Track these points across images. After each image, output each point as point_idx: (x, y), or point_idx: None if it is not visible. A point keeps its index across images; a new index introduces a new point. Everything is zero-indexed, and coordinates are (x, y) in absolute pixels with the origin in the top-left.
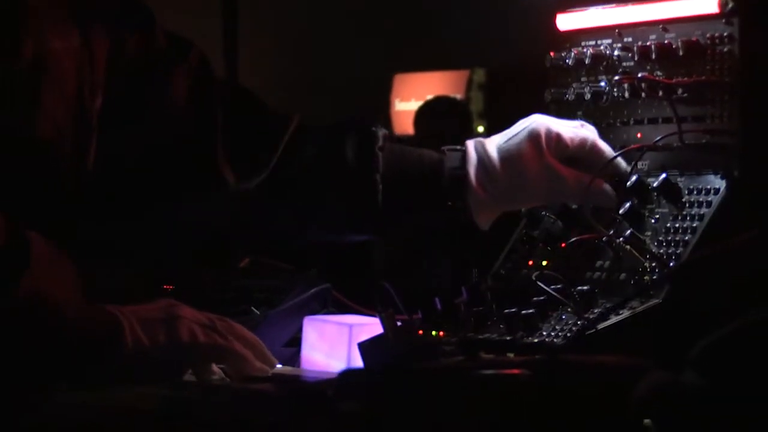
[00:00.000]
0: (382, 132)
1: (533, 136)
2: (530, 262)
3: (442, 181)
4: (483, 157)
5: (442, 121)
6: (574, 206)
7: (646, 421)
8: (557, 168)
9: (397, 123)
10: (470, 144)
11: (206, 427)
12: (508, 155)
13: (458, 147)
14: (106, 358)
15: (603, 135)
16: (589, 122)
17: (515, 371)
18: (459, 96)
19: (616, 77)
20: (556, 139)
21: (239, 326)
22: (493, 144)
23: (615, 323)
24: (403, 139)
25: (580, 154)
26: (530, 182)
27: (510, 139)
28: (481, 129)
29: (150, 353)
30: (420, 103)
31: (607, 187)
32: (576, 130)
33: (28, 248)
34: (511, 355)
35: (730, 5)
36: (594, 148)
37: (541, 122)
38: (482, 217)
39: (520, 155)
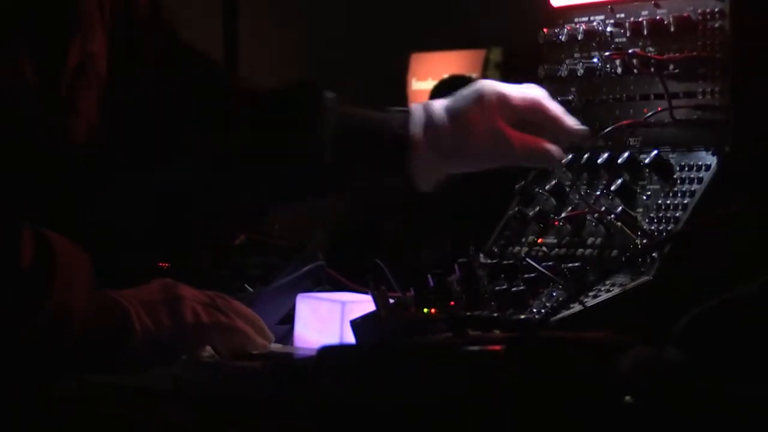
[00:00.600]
0: (329, 93)
1: (479, 96)
2: (523, 239)
3: (386, 137)
4: (429, 114)
5: None
6: (566, 185)
7: (627, 397)
8: (502, 128)
9: (414, 102)
10: (415, 105)
11: (187, 405)
12: (454, 114)
13: (403, 108)
14: (117, 350)
15: (596, 111)
16: (582, 98)
17: (496, 347)
18: (475, 75)
19: (606, 53)
20: (502, 99)
21: (237, 303)
22: (440, 104)
23: (605, 300)
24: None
25: (530, 117)
26: (476, 140)
27: (457, 100)
28: None
29: (157, 338)
30: (436, 82)
31: (552, 147)
32: (524, 91)
33: (54, 259)
34: (497, 332)
35: None
36: (542, 109)
37: (488, 84)
38: (425, 176)
39: (467, 114)
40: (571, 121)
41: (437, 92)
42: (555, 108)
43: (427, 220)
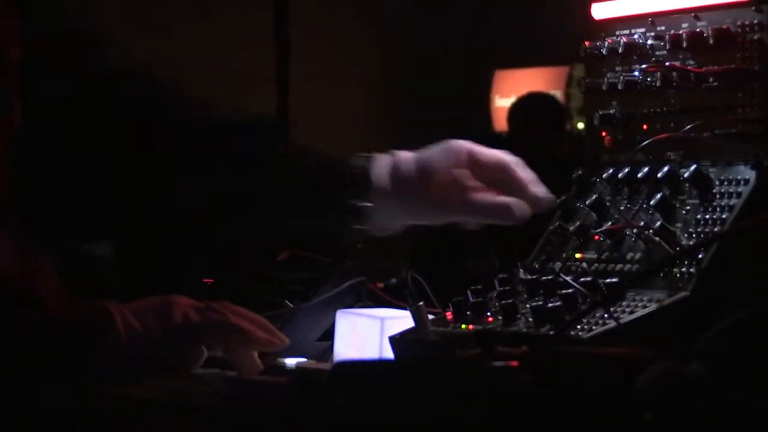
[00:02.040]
0: (283, 126)
1: (449, 148)
2: (563, 254)
3: (345, 176)
4: (397, 161)
5: (536, 117)
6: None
7: (647, 414)
8: (464, 182)
9: (497, 119)
10: (382, 154)
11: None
12: (418, 161)
13: (367, 154)
14: (99, 348)
15: (637, 123)
16: (623, 111)
17: (513, 363)
18: (558, 92)
19: (643, 66)
20: (471, 155)
21: (238, 307)
22: (409, 154)
23: (641, 316)
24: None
25: (497, 179)
26: (438, 189)
27: (425, 151)
28: (581, 126)
29: (144, 340)
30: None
31: (513, 202)
32: (495, 153)
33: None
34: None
35: None
36: (509, 172)
37: (460, 142)
38: (381, 221)
39: (431, 162)
40: (537, 190)
41: (514, 111)
42: (523, 174)
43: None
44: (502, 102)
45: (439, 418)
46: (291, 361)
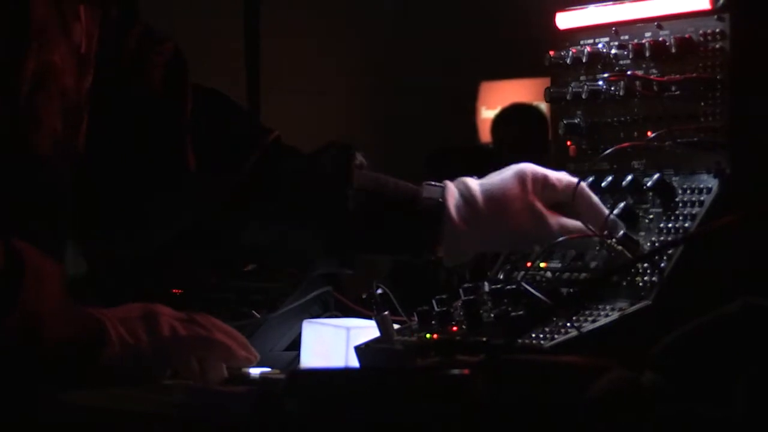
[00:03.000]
0: (360, 154)
1: (519, 175)
2: (528, 264)
3: (419, 208)
4: (464, 191)
5: (518, 128)
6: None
7: (599, 422)
8: (541, 208)
9: (483, 131)
10: (450, 182)
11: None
12: (491, 191)
13: (437, 183)
14: (93, 359)
15: (600, 133)
16: (587, 120)
17: (464, 371)
18: (544, 103)
19: (605, 75)
20: (543, 179)
21: (218, 321)
22: (475, 182)
23: (602, 325)
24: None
25: (567, 200)
26: (512, 219)
27: (494, 180)
28: None
29: (135, 351)
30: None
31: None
32: (563, 175)
33: (23, 267)
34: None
35: (722, 1)
36: (581, 193)
37: (528, 165)
38: (453, 252)
39: (504, 192)
40: (605, 212)
41: (497, 122)
42: (594, 198)
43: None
44: (488, 113)
45: (391, 426)
46: (255, 371)
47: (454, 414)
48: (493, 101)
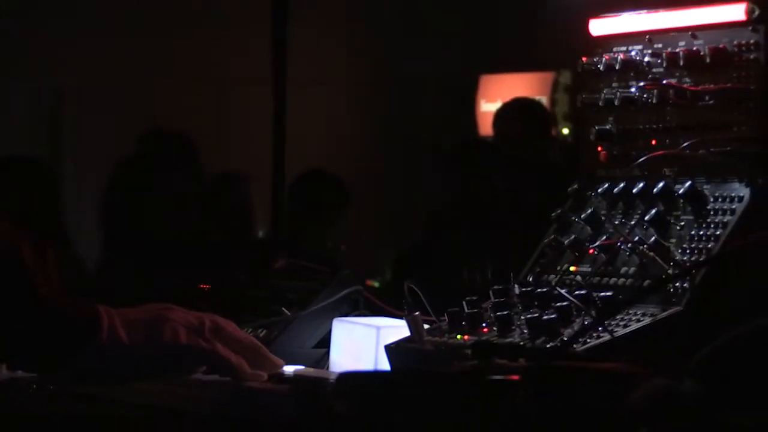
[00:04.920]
0: None
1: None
2: (558, 267)
3: None
4: None
5: (521, 123)
6: (602, 214)
7: (642, 429)
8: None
9: (482, 124)
10: None
11: (204, 425)
12: None
13: None
14: (81, 346)
15: (632, 140)
16: (619, 126)
17: (513, 377)
18: (544, 98)
19: (641, 83)
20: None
21: (234, 330)
22: None
23: (634, 330)
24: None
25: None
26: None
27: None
28: (566, 131)
29: (127, 350)
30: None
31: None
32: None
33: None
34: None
35: (757, 12)
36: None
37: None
38: None
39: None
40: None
41: (499, 116)
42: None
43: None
44: (488, 107)
45: (437, 429)
46: (289, 369)
47: (501, 419)
48: (493, 94)
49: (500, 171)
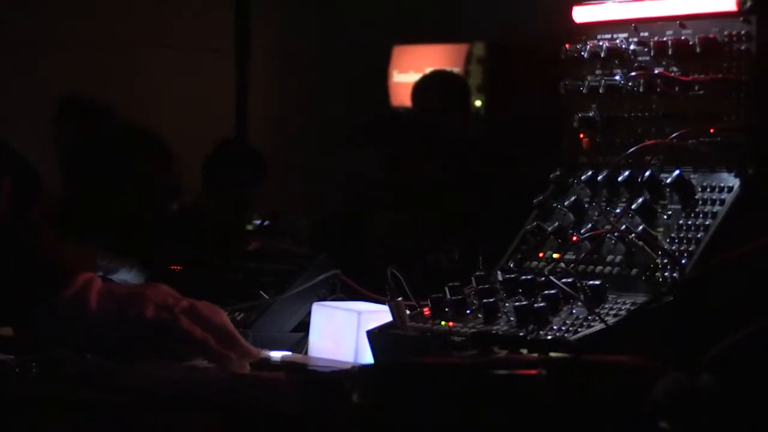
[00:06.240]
0: None
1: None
2: (540, 254)
3: None
4: None
5: (439, 95)
6: (585, 201)
7: (663, 423)
8: None
9: (394, 95)
10: None
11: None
12: None
13: None
14: (40, 299)
15: (616, 128)
16: (603, 114)
17: (532, 372)
18: (458, 69)
19: (632, 73)
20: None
21: (211, 313)
22: None
23: (625, 318)
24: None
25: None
26: None
27: None
28: (478, 103)
29: (89, 316)
30: (418, 75)
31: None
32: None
33: None
34: (524, 351)
35: (749, 3)
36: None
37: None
38: None
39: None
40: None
41: (417, 88)
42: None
43: (431, 223)
44: (401, 77)
45: (457, 421)
46: (276, 354)
47: (525, 413)
48: (406, 65)
49: (419, 146)
